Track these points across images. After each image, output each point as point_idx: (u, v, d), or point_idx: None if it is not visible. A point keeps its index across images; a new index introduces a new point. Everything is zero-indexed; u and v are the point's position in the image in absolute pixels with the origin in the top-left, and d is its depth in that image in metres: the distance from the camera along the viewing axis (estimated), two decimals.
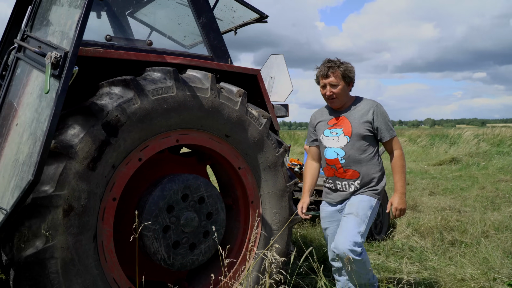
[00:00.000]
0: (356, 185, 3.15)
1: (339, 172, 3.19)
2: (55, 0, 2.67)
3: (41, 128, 2.22)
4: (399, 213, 3.14)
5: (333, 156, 3.18)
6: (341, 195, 3.23)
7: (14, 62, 2.76)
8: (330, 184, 3.30)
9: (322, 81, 3.16)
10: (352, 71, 3.16)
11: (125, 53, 2.91)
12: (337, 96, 3.15)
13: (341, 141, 3.15)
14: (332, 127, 3.22)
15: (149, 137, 2.89)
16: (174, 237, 3.06)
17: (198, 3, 3.52)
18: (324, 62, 3.17)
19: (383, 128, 3.12)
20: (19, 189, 2.22)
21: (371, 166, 3.15)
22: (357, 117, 3.14)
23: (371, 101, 3.21)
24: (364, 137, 3.11)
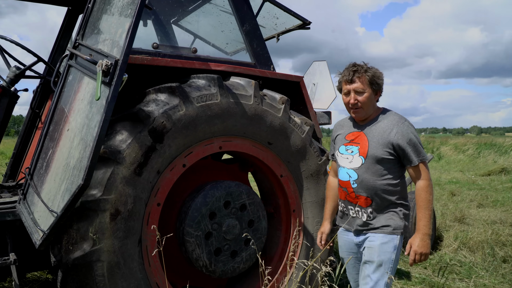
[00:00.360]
0: (369, 214, 2.68)
1: (350, 197, 2.75)
2: (106, 9, 2.75)
3: (91, 133, 2.28)
4: (418, 258, 2.57)
5: (345, 177, 2.75)
6: (356, 223, 2.76)
7: (66, 70, 2.87)
8: (342, 207, 2.89)
9: (346, 87, 2.69)
10: (381, 78, 2.70)
11: (172, 61, 2.96)
12: (362, 105, 2.66)
13: (355, 162, 2.70)
14: (349, 143, 2.78)
15: (193, 143, 2.92)
16: (215, 244, 3.06)
17: (242, 10, 3.54)
18: (349, 66, 2.72)
19: (409, 151, 2.57)
20: (69, 192, 2.29)
21: (390, 196, 2.63)
22: (376, 135, 2.65)
23: (398, 117, 2.67)
24: (381, 160, 2.61)
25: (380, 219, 2.65)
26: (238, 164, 3.67)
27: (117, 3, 2.59)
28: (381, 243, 2.63)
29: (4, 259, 2.73)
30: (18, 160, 4.57)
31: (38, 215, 2.57)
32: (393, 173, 2.63)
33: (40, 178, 2.75)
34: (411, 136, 2.57)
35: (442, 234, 5.98)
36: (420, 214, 2.57)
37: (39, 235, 2.44)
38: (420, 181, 2.59)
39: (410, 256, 2.59)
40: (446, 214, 7.21)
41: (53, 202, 2.45)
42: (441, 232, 6.11)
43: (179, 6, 3.76)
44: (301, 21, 4.20)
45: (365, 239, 2.72)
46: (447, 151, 20.69)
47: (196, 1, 3.79)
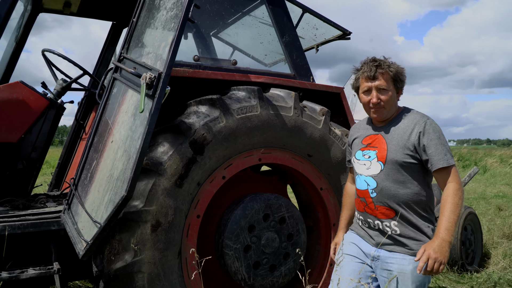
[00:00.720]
0: (393, 227, 2.28)
1: (369, 208, 2.37)
2: (150, 23, 2.81)
3: (135, 145, 2.31)
4: (432, 264, 2.01)
5: (363, 186, 2.38)
6: (377, 237, 2.37)
7: (111, 82, 2.94)
8: (361, 220, 2.48)
9: (366, 84, 2.33)
10: (404, 74, 2.38)
11: (212, 73, 2.98)
12: (385, 105, 2.32)
13: (374, 168, 2.35)
14: (366, 147, 2.43)
15: (233, 155, 2.91)
16: (254, 257, 3.03)
17: (282, 22, 3.53)
18: (368, 60, 2.37)
19: (434, 152, 2.19)
20: (113, 203, 2.32)
21: (415, 207, 2.27)
22: (395, 137, 2.31)
23: (419, 116, 2.34)
24: (402, 165, 2.26)
25: (408, 235, 2.25)
26: (277, 176, 3.63)
27: (160, 17, 2.64)
28: (414, 267, 2.18)
29: (48, 268, 2.80)
30: (62, 169, 4.72)
31: (82, 225, 2.62)
32: (417, 180, 2.27)
33: (84, 189, 2.81)
34: (435, 135, 2.22)
35: (489, 251, 5.69)
36: (443, 218, 2.10)
37: (82, 245, 2.48)
38: (449, 184, 2.18)
39: (420, 260, 2.04)
40: (493, 230, 6.86)
41: (96, 213, 2.49)
42: (489, 249, 5.81)
43: (220, 19, 3.80)
44: (341, 32, 4.15)
45: (388, 257, 2.30)
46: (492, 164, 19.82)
47: (236, 13, 3.82)
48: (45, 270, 2.78)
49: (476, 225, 5.37)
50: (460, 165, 20.04)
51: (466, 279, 4.86)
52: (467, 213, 5.12)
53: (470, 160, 20.69)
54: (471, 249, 5.22)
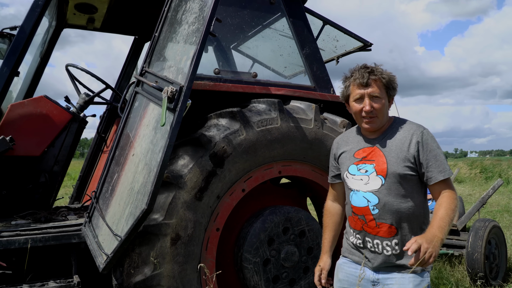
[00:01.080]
0: (394, 246, 2.15)
1: (369, 226, 2.20)
2: (172, 38, 2.84)
3: (156, 158, 2.31)
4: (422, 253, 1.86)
5: (362, 203, 2.21)
6: (375, 259, 2.21)
7: (133, 96, 2.97)
8: (356, 239, 2.29)
9: (358, 91, 2.20)
10: (396, 82, 2.26)
11: (233, 86, 2.98)
12: (377, 114, 2.19)
13: (373, 183, 2.19)
14: (360, 161, 2.27)
15: (252, 168, 2.89)
16: (274, 271, 2.99)
17: (302, 34, 3.53)
18: (359, 67, 2.25)
19: (433, 164, 2.12)
20: (133, 217, 2.32)
21: (416, 222, 2.17)
22: (394, 149, 2.19)
23: (415, 126, 2.23)
24: (404, 178, 2.14)
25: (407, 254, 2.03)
26: (297, 189, 3.59)
27: (182, 31, 2.66)
28: (415, 286, 2.11)
29: (69, 281, 2.82)
30: (84, 182, 4.77)
31: (102, 238, 2.63)
32: (417, 193, 2.18)
33: (105, 202, 2.83)
34: (434, 145, 2.15)
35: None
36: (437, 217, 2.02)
37: (103, 258, 2.48)
38: (446, 192, 2.11)
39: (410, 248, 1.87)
40: None
41: (117, 226, 2.50)
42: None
43: (240, 32, 3.82)
44: (362, 43, 4.12)
45: (387, 278, 2.18)
46: None
47: (257, 26, 3.84)
48: (65, 283, 2.79)
49: (501, 238, 5.21)
50: (483, 177, 19.57)
51: None
52: (491, 227, 4.98)
53: (493, 172, 20.19)
54: (495, 264, 5.06)
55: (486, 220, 5.11)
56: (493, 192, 5.80)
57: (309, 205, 4.00)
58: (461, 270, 5.15)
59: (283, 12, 3.54)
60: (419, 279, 2.13)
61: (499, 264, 5.14)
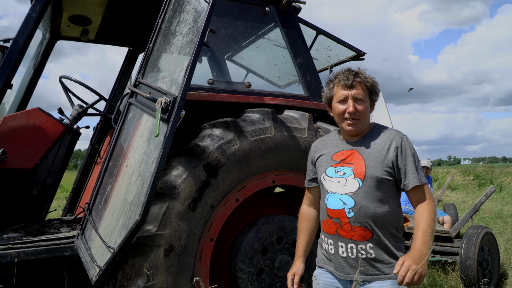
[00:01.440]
0: (369, 250, 2.12)
1: (344, 230, 2.17)
2: (166, 49, 2.85)
3: (149, 169, 2.31)
4: (410, 276, 1.90)
5: (338, 206, 2.18)
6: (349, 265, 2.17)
7: (127, 107, 2.96)
8: (328, 245, 2.25)
9: (343, 92, 2.20)
10: (378, 87, 2.28)
11: (227, 96, 2.99)
12: (360, 116, 2.19)
13: (350, 186, 2.17)
14: (339, 164, 2.25)
15: (246, 177, 2.89)
16: (268, 281, 2.98)
17: (296, 44, 3.55)
18: (344, 70, 2.27)
19: (410, 170, 2.14)
20: (127, 228, 2.30)
21: (390, 227, 2.16)
22: (373, 153, 2.19)
23: (395, 132, 2.24)
24: (381, 182, 2.14)
25: (383, 258, 2.13)
26: (291, 198, 3.59)
27: (176, 42, 2.67)
28: None
29: None
30: (77, 194, 4.74)
31: (95, 250, 2.61)
32: (392, 198, 2.19)
33: (98, 214, 2.81)
34: (412, 152, 2.17)
35: (506, 272, 5.51)
36: (420, 232, 2.04)
37: (95, 270, 2.46)
38: (426, 200, 2.13)
39: (400, 272, 1.93)
40: (510, 249, 6.67)
41: (110, 238, 2.48)
42: (506, 270, 5.63)
43: (234, 42, 3.85)
44: (355, 52, 4.15)
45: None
46: (508, 183, 19.41)
47: (250, 36, 3.86)
48: None
49: (493, 245, 5.23)
50: (476, 183, 19.67)
51: None
52: (484, 233, 5.00)
53: (486, 179, 20.31)
54: (488, 270, 5.08)
55: (479, 227, 5.13)
56: (485, 199, 5.84)
57: None
58: (455, 277, 5.16)
59: (277, 22, 3.56)
60: (396, 286, 2.09)
61: (492, 270, 5.16)
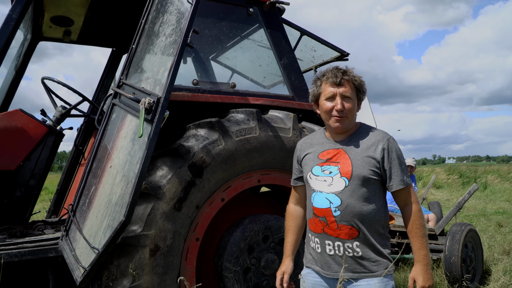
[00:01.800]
0: (355, 248, 2.16)
1: (330, 228, 2.19)
2: (149, 49, 2.85)
3: (133, 170, 2.31)
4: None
5: (324, 204, 2.21)
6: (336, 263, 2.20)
7: (110, 108, 2.96)
8: (315, 243, 2.27)
9: (331, 89, 2.21)
10: (365, 87, 2.31)
11: (211, 96, 3.00)
12: (347, 114, 2.20)
13: (337, 185, 2.19)
14: (325, 163, 2.26)
15: (232, 177, 2.91)
16: (254, 279, 2.99)
17: (280, 45, 3.58)
18: (332, 68, 2.28)
19: (396, 172, 2.18)
20: (111, 229, 2.30)
21: (377, 226, 2.19)
22: (359, 152, 2.21)
23: (382, 133, 2.26)
24: (368, 181, 2.17)
25: (369, 256, 2.17)
26: (276, 197, 3.62)
27: (159, 43, 2.68)
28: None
29: None
30: (61, 196, 4.70)
31: (79, 251, 2.59)
32: (378, 197, 2.22)
33: (82, 215, 2.79)
34: (398, 154, 2.21)
35: (490, 268, 5.62)
36: (418, 243, 2.15)
37: (80, 271, 2.45)
38: (412, 205, 2.20)
39: None
40: (493, 246, 6.81)
41: (94, 239, 2.47)
42: (489, 266, 5.74)
43: (218, 43, 3.86)
44: (339, 53, 4.20)
45: (353, 286, 2.18)
46: (492, 180, 19.78)
47: (235, 37, 3.88)
48: None
49: (477, 242, 5.33)
50: (460, 182, 19.99)
51: None
52: (468, 230, 5.10)
53: (470, 177, 20.66)
54: (472, 266, 5.17)
55: (462, 224, 5.23)
56: (469, 196, 5.95)
57: None
58: (439, 274, 5.24)
59: (261, 23, 3.59)
60: (384, 283, 2.16)
61: (475, 267, 5.25)
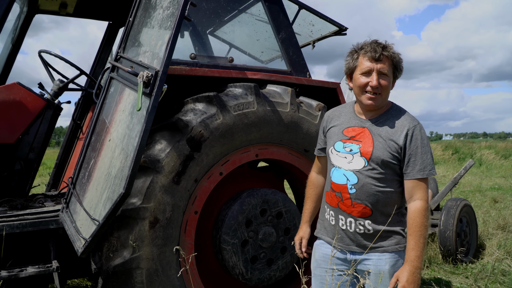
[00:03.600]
0: (367, 226, 2.18)
1: (344, 204, 2.21)
2: (146, 23, 2.83)
3: (132, 143, 2.33)
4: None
5: (342, 180, 2.21)
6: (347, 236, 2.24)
7: (108, 82, 2.95)
8: (330, 216, 2.31)
9: (369, 64, 2.13)
10: (402, 65, 2.24)
11: (209, 71, 3.00)
12: (382, 91, 2.14)
13: (356, 163, 2.18)
14: (348, 140, 2.23)
15: (230, 151, 2.93)
16: (252, 252, 3.06)
17: (278, 19, 3.55)
18: (371, 41, 2.18)
19: (415, 161, 2.10)
20: (111, 201, 2.34)
21: (391, 207, 2.17)
22: (383, 135, 2.16)
23: (410, 118, 2.19)
24: (386, 165, 2.14)
25: (381, 234, 2.17)
26: (274, 171, 3.66)
27: (157, 16, 2.65)
28: (391, 266, 2.17)
29: (47, 267, 2.82)
30: (60, 170, 4.73)
31: (80, 223, 2.64)
32: (397, 181, 2.19)
33: (82, 187, 2.83)
34: (423, 143, 2.12)
35: (484, 243, 5.74)
36: (413, 242, 2.06)
37: (81, 243, 2.50)
38: (418, 201, 2.10)
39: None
40: (488, 221, 6.93)
41: (95, 211, 2.51)
42: (483, 241, 5.86)
43: (216, 17, 3.82)
44: (337, 27, 4.17)
45: (364, 259, 2.22)
46: (488, 155, 19.92)
47: (233, 11, 3.84)
48: (44, 269, 2.80)
49: (472, 217, 5.43)
50: (456, 158, 20.14)
51: (461, 270, 4.91)
52: (463, 205, 5.18)
53: (466, 154, 20.80)
54: (466, 241, 5.28)
55: (457, 200, 5.31)
56: (464, 172, 6.02)
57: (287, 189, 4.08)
58: (434, 248, 5.35)
59: None
60: (395, 259, 2.18)
61: (470, 241, 5.36)
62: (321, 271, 2.34)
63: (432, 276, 4.77)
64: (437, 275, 4.78)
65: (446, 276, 4.78)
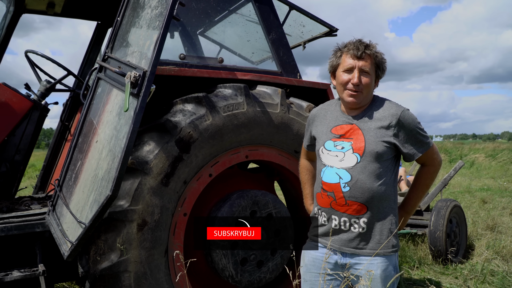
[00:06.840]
0: (362, 224, 2.16)
1: (338, 204, 2.18)
2: (134, 22, 2.79)
3: (120, 144, 2.30)
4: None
5: (334, 179, 2.18)
6: (341, 237, 2.21)
7: (96, 82, 2.91)
8: (322, 217, 2.27)
9: (350, 61, 2.15)
10: (386, 65, 2.25)
11: (198, 71, 2.97)
12: (363, 89, 2.15)
13: (348, 160, 2.17)
14: (338, 138, 2.23)
15: (219, 153, 2.91)
16: (242, 254, 3.03)
17: (268, 19, 3.53)
18: (355, 40, 2.20)
19: (413, 142, 2.17)
20: (98, 203, 2.30)
21: (386, 202, 2.18)
22: (373, 128, 2.17)
23: (395, 106, 2.21)
24: (380, 157, 2.14)
25: (375, 234, 2.17)
26: (264, 173, 3.64)
27: (145, 15, 2.62)
28: (383, 270, 2.16)
29: (33, 270, 2.78)
30: (48, 172, 4.66)
31: (66, 226, 2.60)
32: (390, 173, 2.20)
33: (69, 190, 2.78)
34: (414, 123, 2.17)
35: (473, 243, 5.79)
36: (413, 194, 2.32)
37: (67, 246, 2.46)
38: (432, 167, 2.27)
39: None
40: (477, 222, 6.99)
41: (81, 213, 2.47)
42: (473, 241, 5.91)
43: (206, 17, 3.79)
44: (328, 28, 4.16)
45: (355, 263, 2.20)
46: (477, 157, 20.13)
47: (223, 11, 3.81)
48: (30, 272, 2.75)
49: (461, 217, 5.47)
50: (446, 159, 20.32)
51: (451, 270, 4.94)
52: (452, 206, 5.22)
53: (456, 155, 20.99)
54: (456, 241, 5.32)
55: (447, 200, 5.34)
56: (454, 173, 6.06)
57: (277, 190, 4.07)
58: (424, 248, 5.38)
59: None
60: (386, 263, 2.17)
61: (459, 242, 5.40)
62: (311, 275, 2.31)
63: (422, 276, 4.78)
64: (427, 276, 4.80)
65: (436, 276, 4.81)
